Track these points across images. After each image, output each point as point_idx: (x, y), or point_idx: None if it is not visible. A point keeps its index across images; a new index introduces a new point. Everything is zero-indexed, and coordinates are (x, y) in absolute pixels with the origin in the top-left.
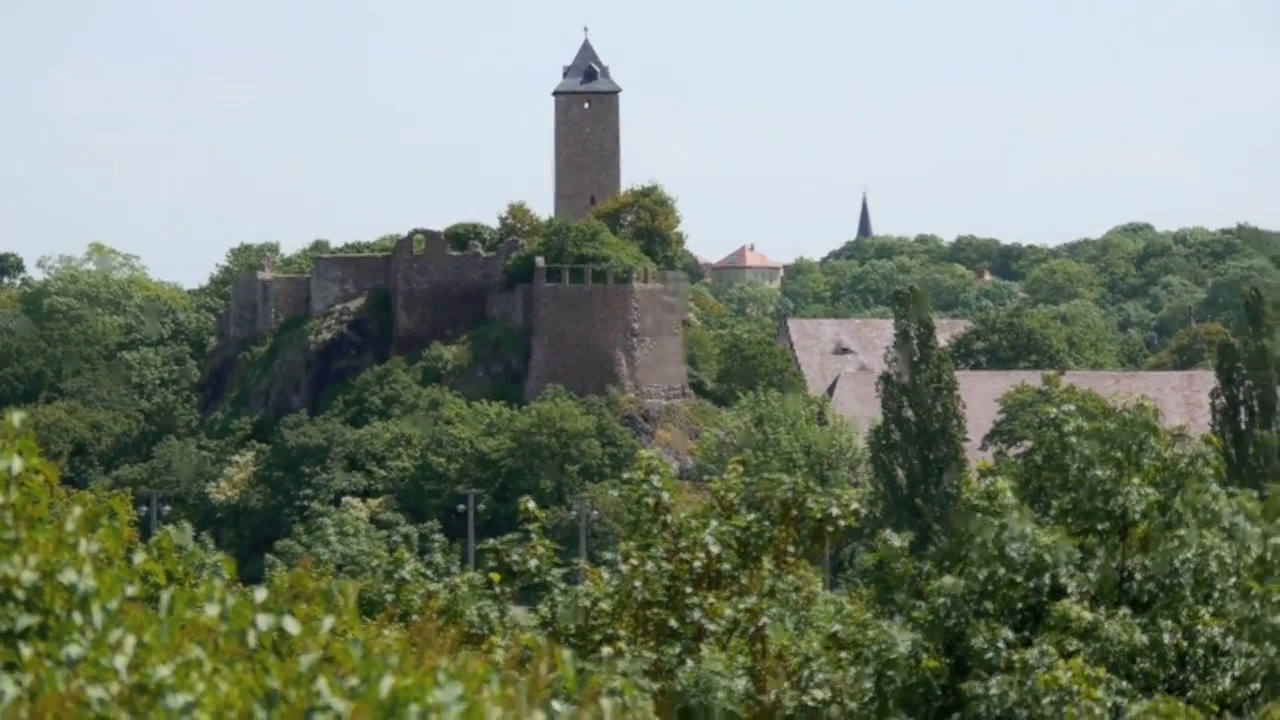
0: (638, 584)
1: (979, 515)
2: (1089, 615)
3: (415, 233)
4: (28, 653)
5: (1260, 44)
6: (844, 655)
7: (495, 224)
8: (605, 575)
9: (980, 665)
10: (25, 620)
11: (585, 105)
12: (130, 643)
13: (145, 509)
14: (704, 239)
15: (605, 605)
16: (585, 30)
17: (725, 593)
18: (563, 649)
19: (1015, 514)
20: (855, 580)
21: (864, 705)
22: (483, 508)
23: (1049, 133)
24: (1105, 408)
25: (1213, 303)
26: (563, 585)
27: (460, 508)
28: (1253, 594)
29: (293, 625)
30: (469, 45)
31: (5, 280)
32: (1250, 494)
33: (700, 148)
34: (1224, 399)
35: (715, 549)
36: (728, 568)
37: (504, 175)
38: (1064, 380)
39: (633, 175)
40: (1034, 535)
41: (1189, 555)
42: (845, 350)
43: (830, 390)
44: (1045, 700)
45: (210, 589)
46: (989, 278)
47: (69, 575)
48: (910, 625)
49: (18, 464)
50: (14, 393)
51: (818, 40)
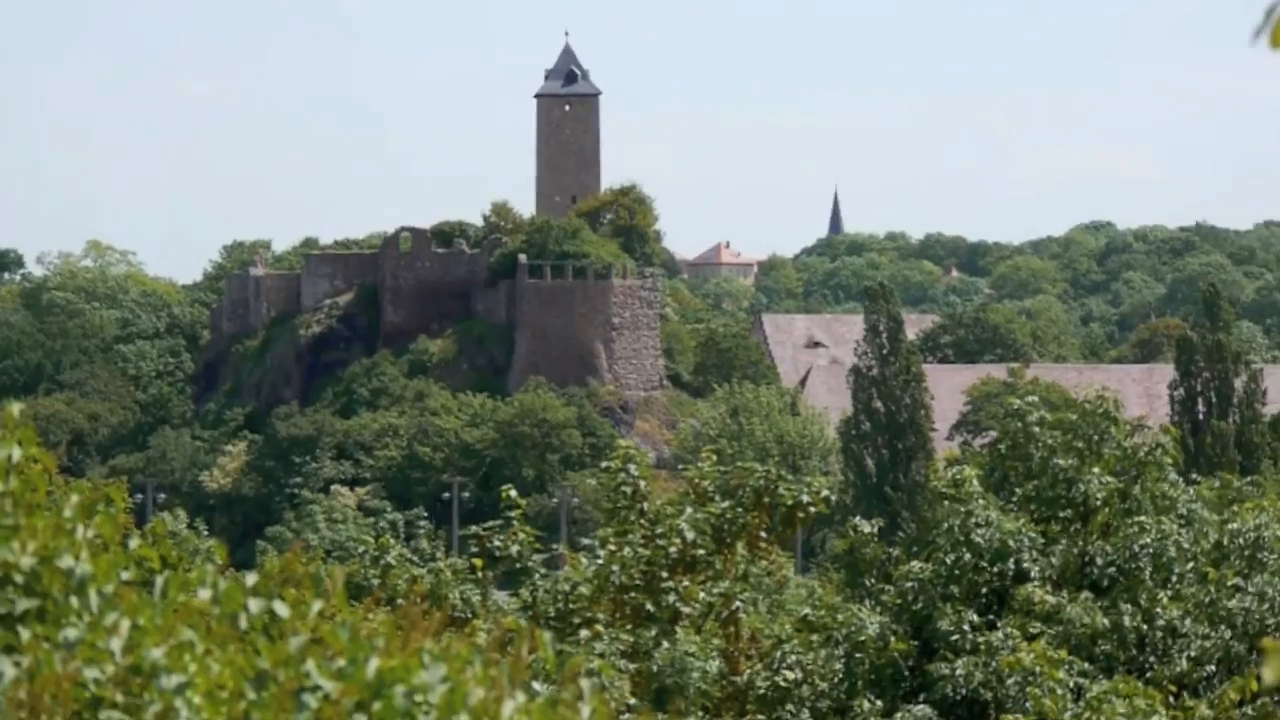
0: (615, 569)
1: (946, 503)
2: (1052, 599)
3: (402, 230)
4: (26, 635)
5: (1219, 47)
6: (815, 638)
7: (479, 222)
8: (584, 561)
9: (946, 647)
10: (24, 604)
11: (566, 107)
12: (125, 625)
13: (141, 497)
14: (681, 237)
15: (584, 589)
16: (566, 35)
17: (700, 577)
18: (543, 632)
19: (980, 501)
20: (826, 565)
21: (834, 686)
22: (467, 496)
23: (1014, 134)
24: (1067, 399)
25: (1172, 298)
26: (543, 570)
27: (445, 496)
28: (1208, 579)
29: (282, 609)
30: (454, 50)
31: (5, 276)
32: (1211, 482)
33: (677, 149)
34: (1182, 391)
35: (690, 535)
36: (702, 553)
37: (488, 175)
38: (1028, 373)
39: (612, 175)
40: (998, 522)
41: (1148, 541)
42: (817, 344)
43: (802, 382)
44: (1009, 681)
45: (203, 574)
46: (956, 274)
47: (66, 560)
48: (879, 609)
49: (17, 453)
50: (14, 384)
51: (790, 45)
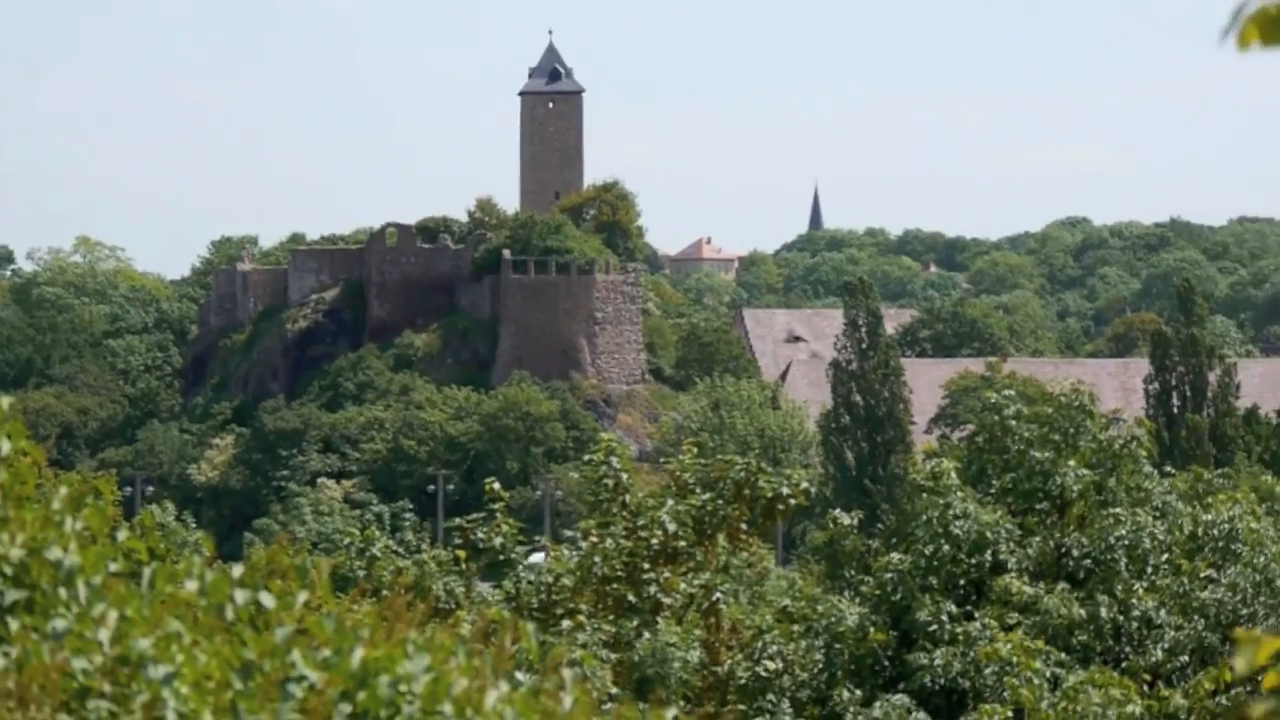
0: (598, 560)
1: (924, 495)
2: (1029, 590)
3: (388, 226)
4: (15, 626)
5: (1193, 46)
6: (795, 628)
7: (464, 218)
8: (566, 552)
9: (925, 638)
10: (13, 595)
11: (550, 105)
12: (113, 616)
13: (130, 490)
14: (663, 232)
15: (567, 581)
16: (550, 33)
17: (681, 569)
18: (526, 622)
19: (958, 494)
20: (806, 557)
21: (814, 676)
22: (451, 488)
23: (992, 132)
24: (1044, 393)
25: (1147, 293)
26: (525, 562)
27: (430, 488)
28: (1182, 571)
29: (268, 600)
30: (440, 48)
31: None
32: (1186, 475)
33: (660, 145)
34: (1157, 385)
35: (672, 527)
36: (684, 545)
37: (472, 171)
38: (1005, 367)
39: (595, 171)
40: (976, 514)
41: (1123, 533)
42: (797, 338)
43: (783, 376)
44: (987, 671)
45: (190, 565)
46: (934, 269)
47: (55, 552)
48: (858, 600)
49: (7, 446)
50: (4, 378)
51: (771, 43)
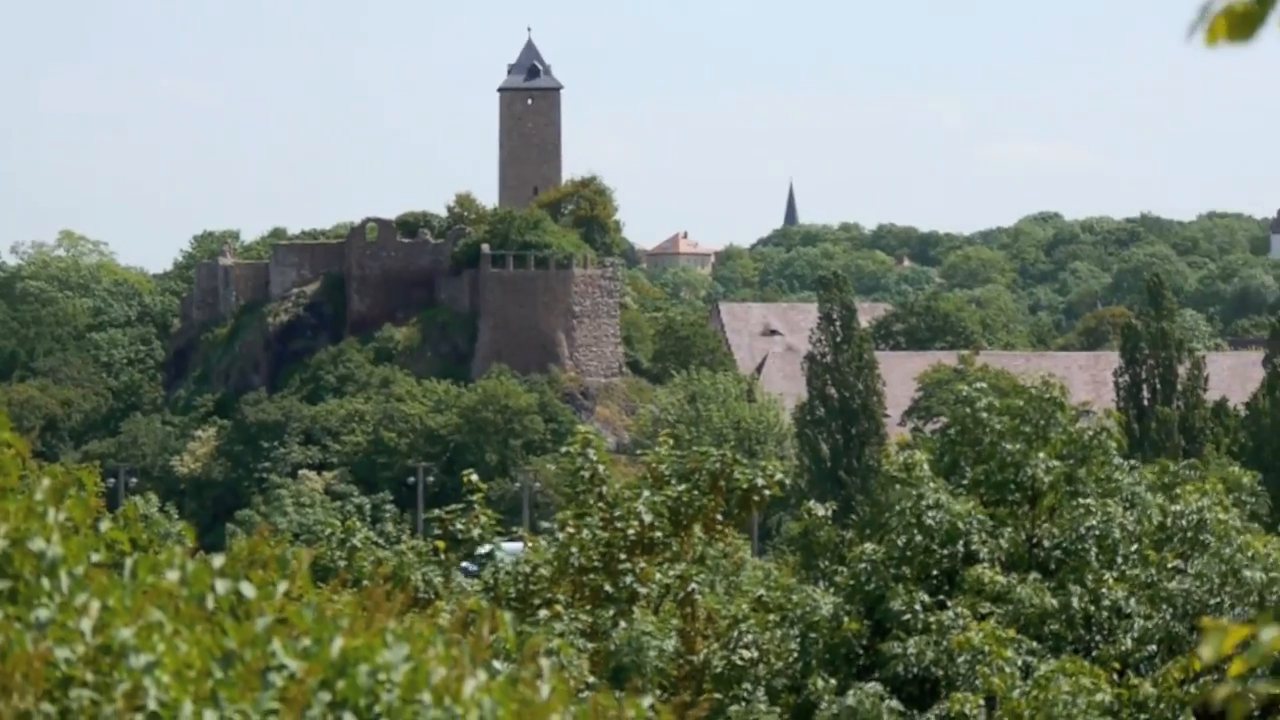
0: (575, 551)
1: (897, 486)
2: (1001, 580)
3: (368, 221)
4: None
5: (1164, 43)
6: (770, 618)
7: (444, 213)
8: (544, 543)
9: (899, 627)
10: None
11: (529, 101)
12: (95, 606)
13: (113, 481)
14: (640, 227)
15: (544, 571)
16: (529, 31)
17: (658, 559)
18: (504, 612)
19: (931, 485)
20: (781, 547)
21: (789, 665)
22: (431, 480)
23: (964, 128)
24: (1016, 386)
25: (1117, 287)
26: (501, 550)
27: (410, 480)
28: (1150, 561)
29: (249, 590)
30: (420, 46)
31: None
32: (1161, 464)
33: (637, 142)
34: (1127, 377)
35: (648, 518)
36: (660, 535)
37: (452, 167)
38: (978, 360)
39: (573, 167)
40: (949, 505)
41: (1094, 523)
42: (773, 332)
43: (759, 369)
44: (959, 660)
45: (171, 556)
46: (908, 264)
47: (38, 543)
48: (833, 589)
49: None
50: None
51: (747, 43)
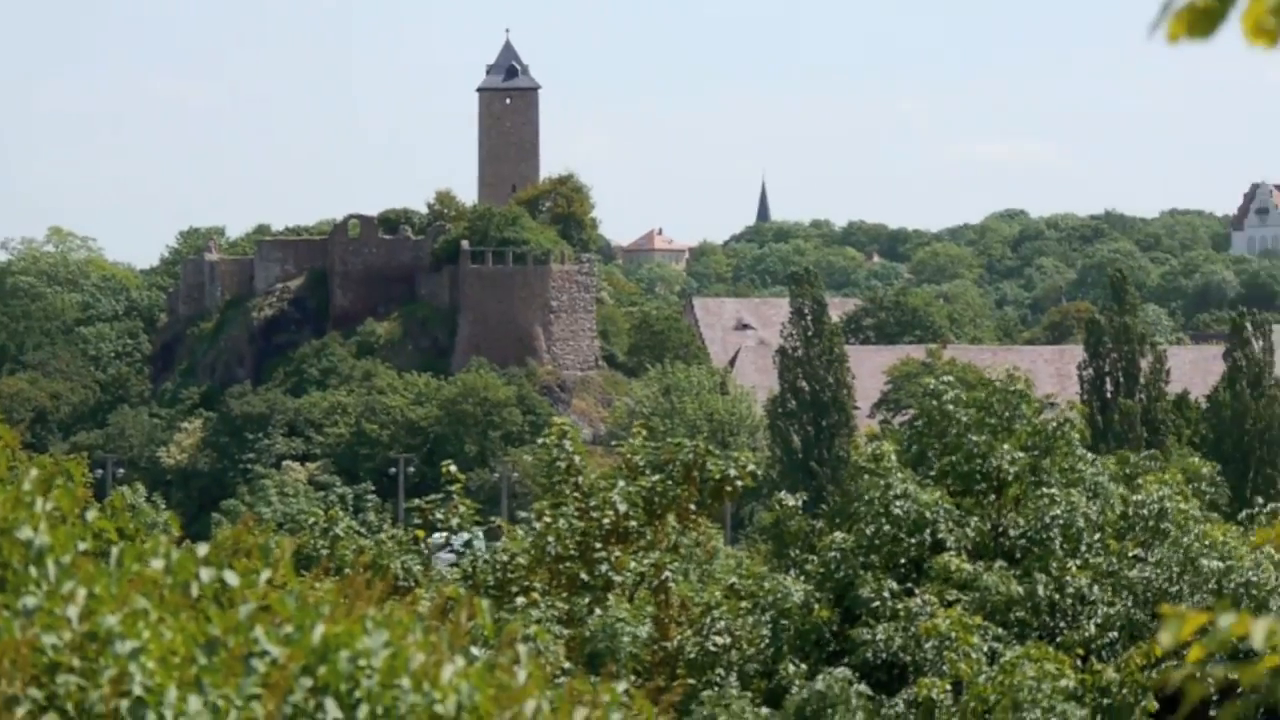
0: (551, 540)
1: (866, 477)
2: (968, 568)
3: (350, 217)
4: None
5: (1127, 41)
6: (742, 605)
7: (424, 210)
8: (520, 532)
9: (868, 614)
10: None
11: (507, 101)
12: (82, 594)
13: (101, 472)
14: (616, 224)
15: (522, 559)
16: (507, 32)
17: (632, 548)
18: (482, 600)
19: (899, 475)
20: (753, 536)
21: (760, 650)
22: (412, 470)
23: (933, 127)
24: (982, 379)
25: (1082, 283)
26: (479, 537)
27: (391, 471)
28: (1111, 550)
29: (232, 578)
30: (401, 46)
31: None
32: (1123, 455)
33: (613, 140)
34: (1091, 371)
35: (623, 507)
36: (634, 524)
37: (432, 165)
38: (945, 354)
39: (551, 165)
40: (916, 494)
41: (1058, 512)
42: (745, 326)
43: (731, 363)
44: (927, 645)
45: (157, 544)
46: (877, 260)
47: (25, 532)
48: (803, 577)
49: None
50: None
51: (720, 42)
